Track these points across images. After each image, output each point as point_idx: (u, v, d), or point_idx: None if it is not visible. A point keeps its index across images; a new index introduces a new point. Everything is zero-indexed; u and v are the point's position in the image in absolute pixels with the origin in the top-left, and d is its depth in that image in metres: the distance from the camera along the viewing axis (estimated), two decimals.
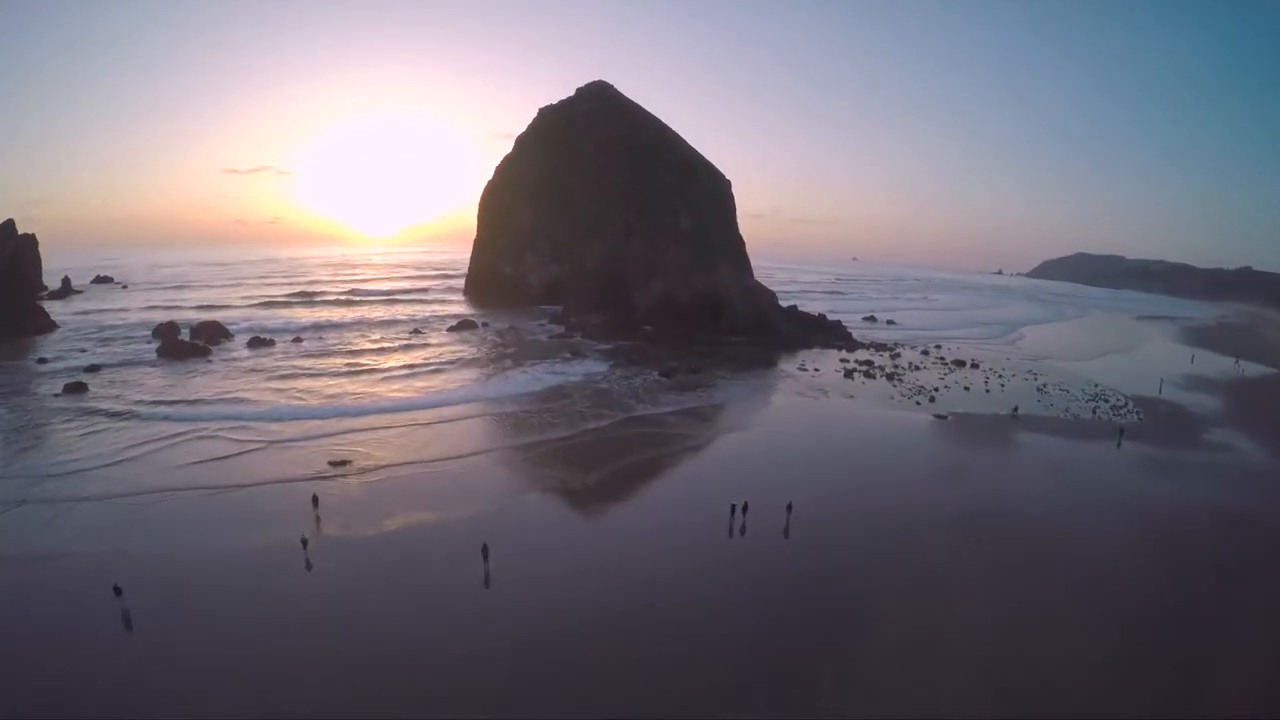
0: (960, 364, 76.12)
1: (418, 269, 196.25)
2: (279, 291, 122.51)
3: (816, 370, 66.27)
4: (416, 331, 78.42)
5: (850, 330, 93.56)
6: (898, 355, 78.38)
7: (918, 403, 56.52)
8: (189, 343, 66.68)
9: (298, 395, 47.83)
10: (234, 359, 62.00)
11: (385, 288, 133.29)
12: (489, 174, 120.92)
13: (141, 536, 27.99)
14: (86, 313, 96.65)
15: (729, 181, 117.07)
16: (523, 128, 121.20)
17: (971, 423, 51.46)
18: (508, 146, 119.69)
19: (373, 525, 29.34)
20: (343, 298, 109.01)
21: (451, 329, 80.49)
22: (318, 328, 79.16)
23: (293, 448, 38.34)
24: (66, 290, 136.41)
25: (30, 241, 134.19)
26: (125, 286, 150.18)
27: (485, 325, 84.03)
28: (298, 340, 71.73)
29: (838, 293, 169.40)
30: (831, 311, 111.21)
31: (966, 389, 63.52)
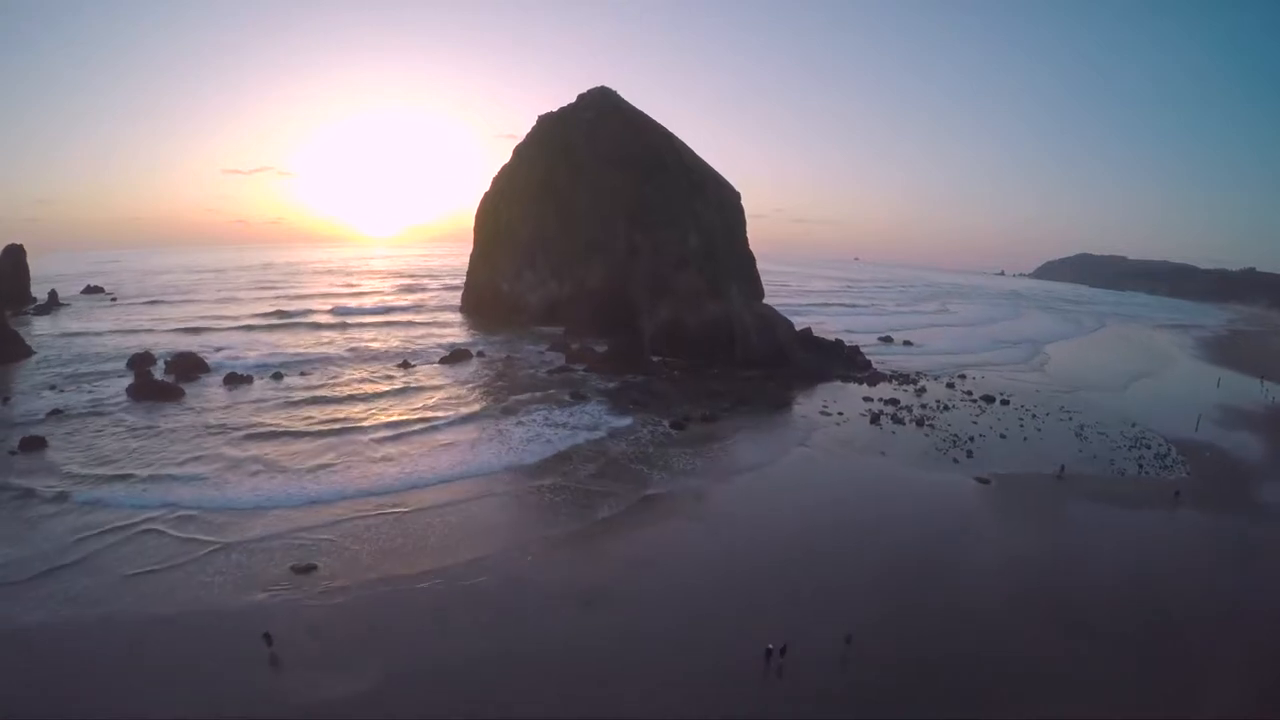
0: (990, 400, 70.46)
1: (414, 277, 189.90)
2: (268, 308, 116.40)
3: (841, 415, 60.45)
4: (406, 365, 72.40)
5: (868, 355, 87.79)
6: (923, 390, 72.58)
7: (955, 460, 50.87)
8: (160, 383, 61.04)
9: (266, 467, 41.70)
10: (206, 406, 56.23)
11: (379, 303, 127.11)
12: (494, 175, 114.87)
13: (54, 702, 22.32)
14: (67, 335, 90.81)
15: (738, 193, 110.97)
16: (529, 127, 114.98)
17: (1018, 488, 45.85)
18: (514, 147, 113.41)
19: (339, 678, 23.55)
20: (333, 321, 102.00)
21: (444, 360, 74.53)
22: (301, 361, 73.13)
23: (251, 549, 32.29)
24: (53, 303, 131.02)
25: (18, 253, 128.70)
26: (114, 300, 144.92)
27: (480, 354, 78.08)
28: (278, 377, 65.94)
29: (851, 306, 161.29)
30: (847, 332, 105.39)
31: (1003, 436, 57.87)
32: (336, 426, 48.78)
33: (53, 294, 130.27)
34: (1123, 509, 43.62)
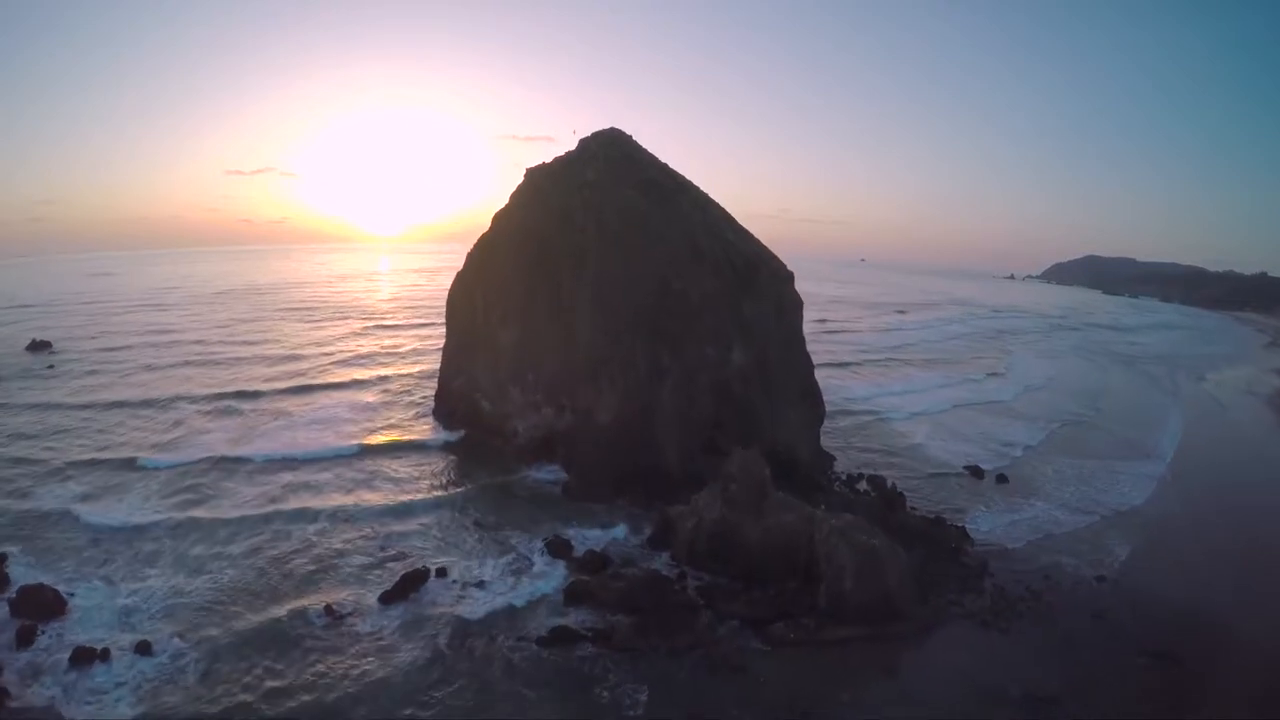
0: (1159, 658, 44.97)
1: (397, 330, 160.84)
2: (204, 413, 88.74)
3: None
4: (330, 612, 45.53)
5: (967, 522, 61.85)
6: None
7: None
8: None
9: None
10: None
11: (334, 402, 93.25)
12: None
13: None
14: None
15: (790, 273, 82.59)
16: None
17: None
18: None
19: None
20: (251, 511, 58.41)
21: (387, 595, 47.08)
22: (186, 589, 46.95)
23: None
24: None
25: None
26: (52, 365, 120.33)
27: (441, 574, 50.87)
28: (143, 650, 39.51)
29: (910, 390, 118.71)
30: (934, 476, 75.48)
31: None
32: None
33: None
34: None
